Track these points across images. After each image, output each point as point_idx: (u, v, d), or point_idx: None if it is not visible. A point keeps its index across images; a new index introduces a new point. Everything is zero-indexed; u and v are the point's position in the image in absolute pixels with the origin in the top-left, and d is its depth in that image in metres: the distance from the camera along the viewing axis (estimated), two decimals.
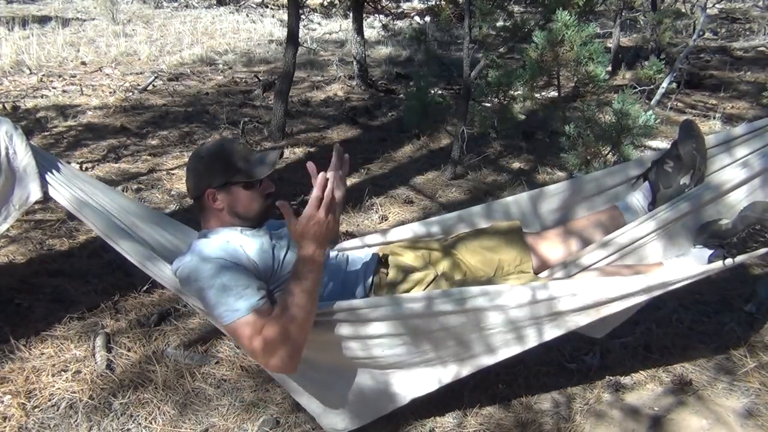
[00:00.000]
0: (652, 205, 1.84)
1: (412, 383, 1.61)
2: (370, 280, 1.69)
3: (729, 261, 1.58)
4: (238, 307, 1.38)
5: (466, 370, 1.59)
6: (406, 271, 1.65)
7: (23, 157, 1.72)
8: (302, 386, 1.65)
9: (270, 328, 1.35)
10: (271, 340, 1.35)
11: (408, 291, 1.60)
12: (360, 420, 1.69)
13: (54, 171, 1.77)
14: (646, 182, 1.90)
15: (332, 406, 1.68)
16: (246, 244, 1.54)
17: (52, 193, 1.77)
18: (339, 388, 1.65)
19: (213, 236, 1.56)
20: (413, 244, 1.85)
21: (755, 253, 1.61)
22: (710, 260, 1.63)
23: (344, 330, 1.49)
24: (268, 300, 1.43)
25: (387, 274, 1.69)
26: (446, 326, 1.47)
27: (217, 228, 1.59)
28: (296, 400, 1.83)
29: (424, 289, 1.63)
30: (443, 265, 1.74)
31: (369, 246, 1.96)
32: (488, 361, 1.56)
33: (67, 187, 1.76)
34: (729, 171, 1.79)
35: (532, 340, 1.52)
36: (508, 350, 1.54)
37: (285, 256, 1.58)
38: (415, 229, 1.98)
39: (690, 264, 1.66)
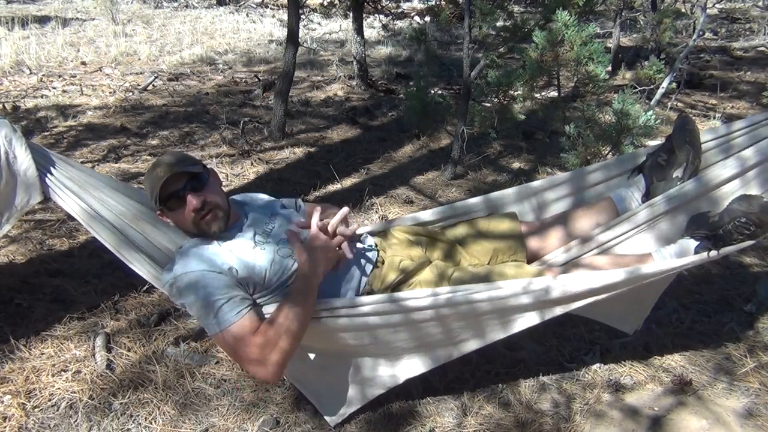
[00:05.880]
0: (646, 197, 1.86)
1: (407, 365, 1.67)
2: (369, 273, 1.69)
3: (713, 253, 1.61)
4: (220, 320, 1.44)
5: (457, 353, 1.65)
6: (404, 270, 1.65)
7: (23, 161, 1.71)
8: (300, 371, 1.69)
9: (259, 338, 1.42)
10: (258, 352, 1.41)
11: (403, 283, 1.62)
12: (356, 403, 1.73)
13: (55, 171, 1.75)
14: (641, 174, 1.92)
15: (330, 389, 1.72)
16: (228, 255, 1.55)
17: (52, 195, 1.75)
18: (335, 369, 1.70)
19: (201, 246, 1.58)
20: (413, 229, 1.86)
21: (740, 246, 1.63)
22: (696, 251, 1.65)
23: (342, 322, 1.53)
24: (252, 309, 1.48)
25: (383, 265, 1.69)
26: (441, 317, 1.52)
27: (195, 238, 1.62)
28: (295, 393, 1.83)
29: (418, 274, 1.66)
30: (439, 253, 1.78)
31: (371, 234, 1.94)
32: (476, 345, 1.63)
33: (68, 188, 1.74)
34: (722, 165, 1.80)
35: (520, 327, 1.59)
36: (498, 335, 1.61)
37: (271, 263, 1.56)
38: (416, 218, 2.00)
39: (677, 255, 1.68)
